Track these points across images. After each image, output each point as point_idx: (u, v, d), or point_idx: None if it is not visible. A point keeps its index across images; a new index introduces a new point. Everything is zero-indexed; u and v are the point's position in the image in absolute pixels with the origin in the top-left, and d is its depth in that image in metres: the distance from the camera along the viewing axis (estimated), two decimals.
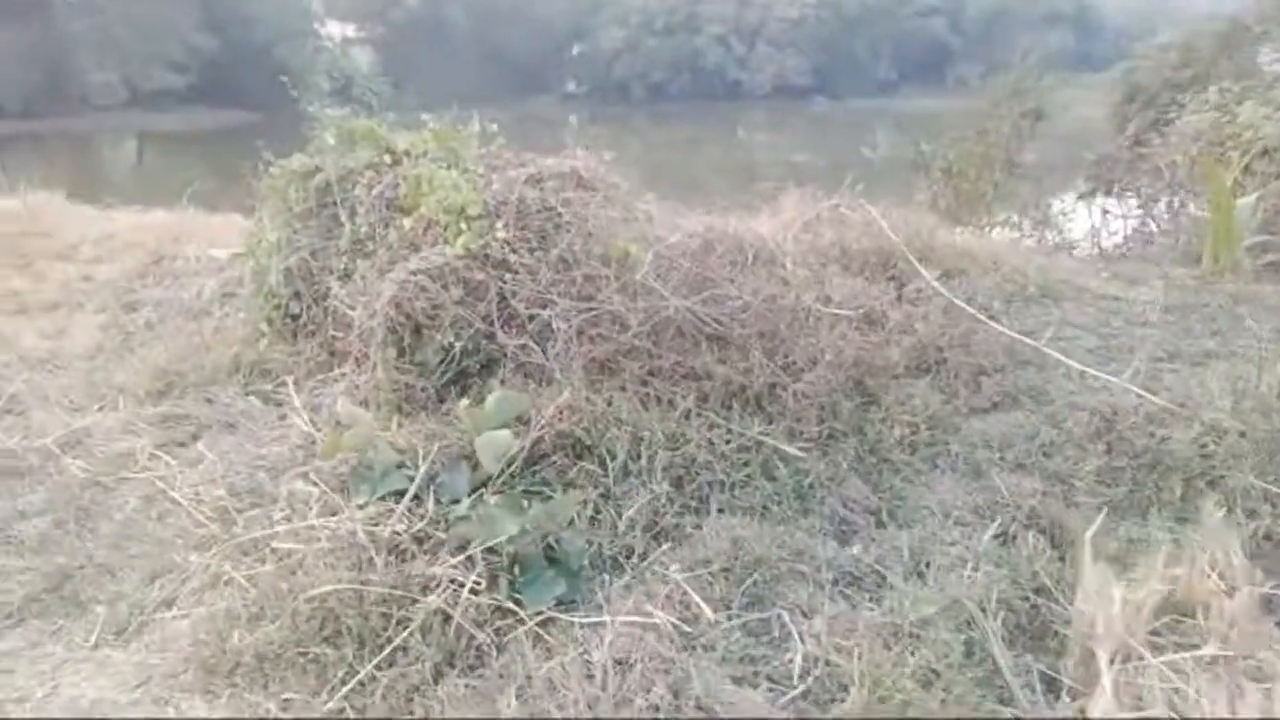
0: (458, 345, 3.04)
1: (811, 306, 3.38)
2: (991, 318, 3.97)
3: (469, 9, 52.10)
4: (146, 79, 33.76)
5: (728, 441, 2.84)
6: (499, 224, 3.11)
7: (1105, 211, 6.96)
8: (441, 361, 3.09)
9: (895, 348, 3.45)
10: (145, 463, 3.08)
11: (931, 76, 57.68)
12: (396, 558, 2.27)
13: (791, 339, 3.19)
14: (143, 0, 34.36)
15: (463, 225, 3.12)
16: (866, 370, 3.31)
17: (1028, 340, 3.80)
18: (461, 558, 2.25)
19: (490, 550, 2.25)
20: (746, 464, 2.80)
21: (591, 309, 2.98)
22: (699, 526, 2.54)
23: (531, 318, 3.02)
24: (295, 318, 3.73)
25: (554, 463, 2.71)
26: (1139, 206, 6.79)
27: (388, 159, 3.67)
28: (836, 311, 3.43)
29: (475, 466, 2.69)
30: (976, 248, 4.84)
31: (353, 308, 3.24)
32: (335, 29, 53.60)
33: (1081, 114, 11.56)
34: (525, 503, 2.42)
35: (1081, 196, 7.49)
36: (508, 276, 3.06)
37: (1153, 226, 6.54)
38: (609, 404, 2.82)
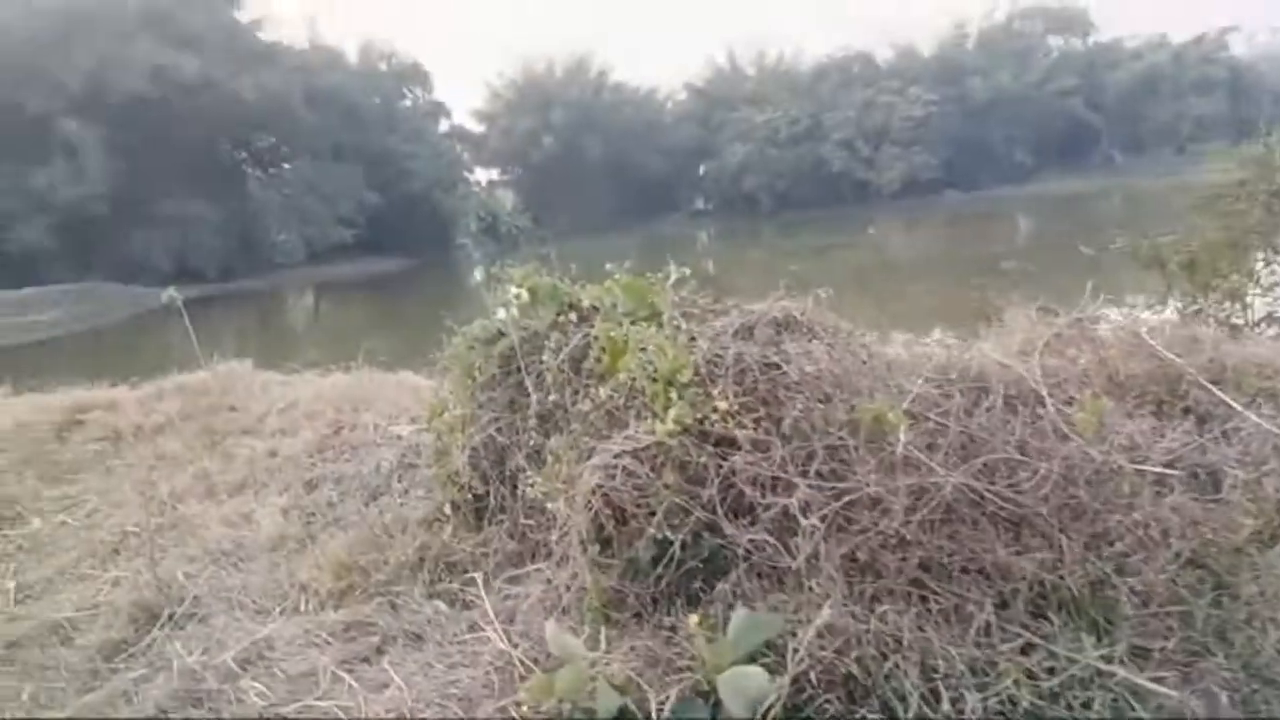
0: (675, 540, 2.52)
1: (1118, 465, 2.64)
2: None
3: (604, 138, 55.30)
4: (323, 237, 37.47)
5: (1051, 670, 2.11)
6: (715, 391, 2.62)
7: None
8: (656, 560, 2.57)
9: (1239, 512, 2.62)
10: (327, 686, 2.70)
11: (1071, 157, 55.36)
12: None
13: (1104, 513, 2.45)
14: (320, 168, 38.71)
15: (672, 394, 2.66)
16: (1208, 548, 2.50)
17: None
18: None
19: None
20: (1087, 704, 2.05)
21: (842, 492, 2.39)
22: None
23: (766, 505, 2.46)
24: (480, 498, 3.35)
25: (823, 709, 2.08)
26: None
27: (573, 317, 3.32)
28: (1153, 469, 2.66)
29: (716, 704, 2.11)
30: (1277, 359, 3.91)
31: (546, 495, 2.81)
32: (481, 174, 58.44)
33: None
34: None
35: None
36: (732, 455, 2.54)
37: None
38: (882, 621, 2.17)
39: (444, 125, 49.04)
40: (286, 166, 40.80)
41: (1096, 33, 57.96)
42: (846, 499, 2.35)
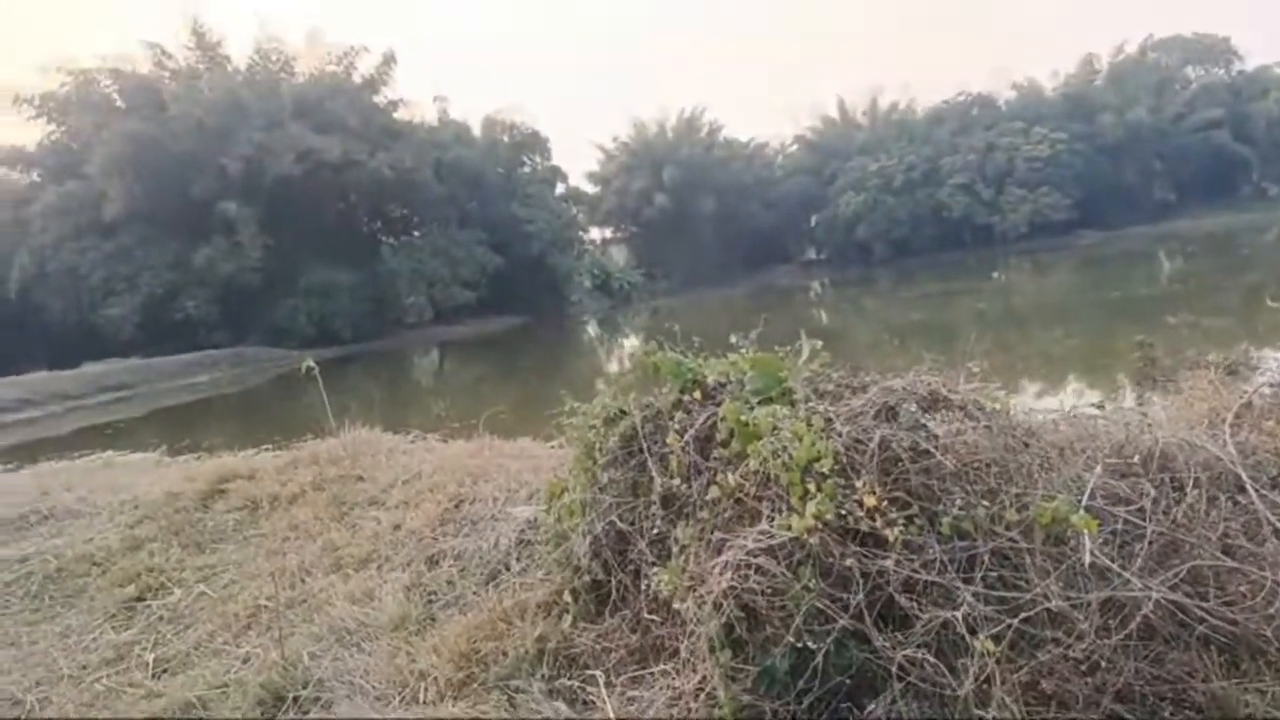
0: (817, 649, 2.25)
1: None
2: None
3: (715, 193, 55.87)
4: (447, 298, 39.29)
5: None
6: (859, 483, 2.36)
7: None
8: (795, 671, 2.30)
9: None
10: None
11: (1219, 192, 51.26)
12: None
13: None
14: (446, 234, 40.82)
15: (810, 485, 2.42)
16: None
17: None
18: None
19: None
20: None
21: (1017, 606, 2.07)
22: None
23: (924, 617, 2.16)
24: (600, 585, 3.18)
25: None
26: None
27: (698, 395, 3.14)
28: None
29: None
30: None
31: (673, 591, 2.60)
32: (595, 233, 60.15)
33: None
34: None
35: None
36: (880, 556, 2.27)
37: None
38: None
39: (560, 188, 50.85)
40: (416, 234, 43.22)
41: (1240, 62, 54.10)
42: (1024, 615, 2.03)
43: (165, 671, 3.74)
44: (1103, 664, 1.98)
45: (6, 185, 36.68)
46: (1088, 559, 2.04)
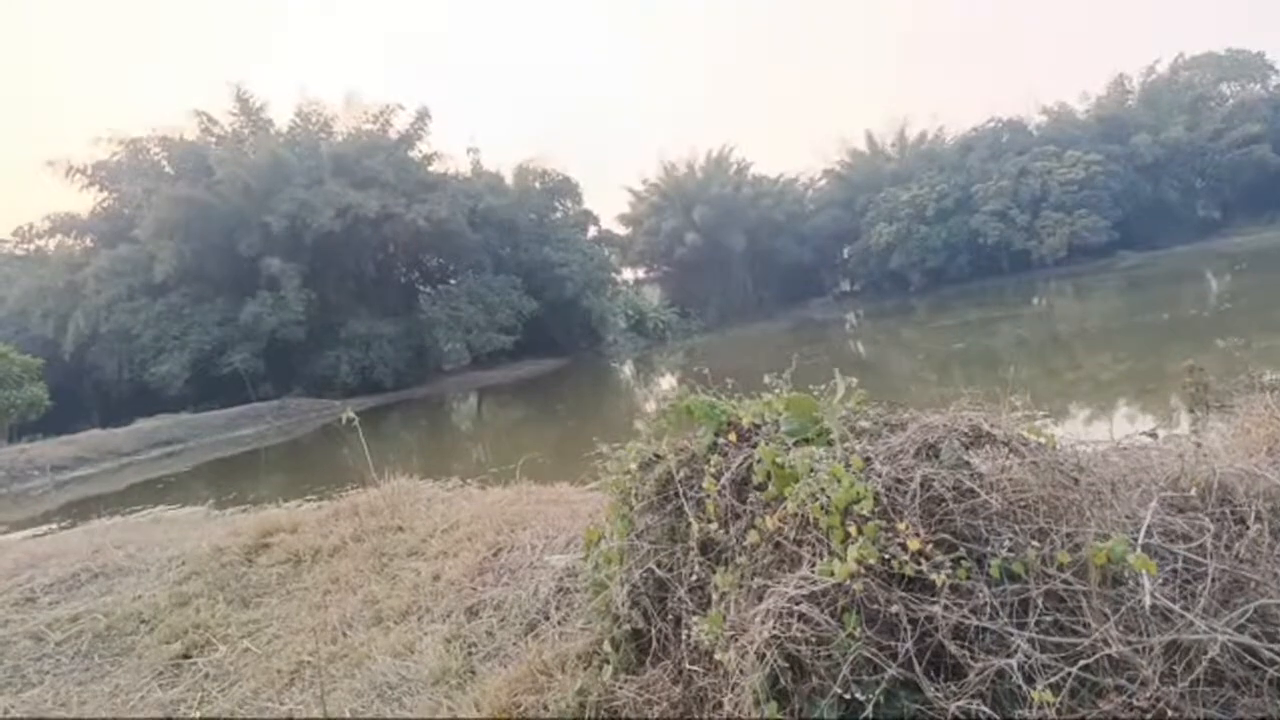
0: (866, 702, 2.16)
1: None
2: None
3: (746, 230, 56.10)
4: (484, 343, 39.84)
5: None
6: (901, 525, 2.29)
7: None
8: None
9: None
10: None
11: (1263, 207, 50.05)
12: None
13: None
14: (482, 281, 41.52)
15: (850, 528, 2.36)
16: None
17: None
18: None
19: None
20: None
21: (1072, 651, 1.97)
22: None
23: (976, 664, 2.07)
24: (640, 634, 3.12)
25: None
26: None
27: (732, 438, 3.10)
28: None
29: None
30: None
31: (714, 641, 2.54)
32: (628, 273, 60.61)
33: None
34: None
35: None
36: (928, 601, 2.19)
37: None
38: None
39: (592, 231, 51.52)
40: (453, 282, 44.01)
41: (1276, 76, 53.13)
42: (1082, 662, 1.93)
43: None
44: (1169, 712, 1.87)
45: (62, 251, 38.25)
46: (1148, 601, 1.94)
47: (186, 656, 4.59)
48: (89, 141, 39.80)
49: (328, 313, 36.78)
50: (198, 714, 3.89)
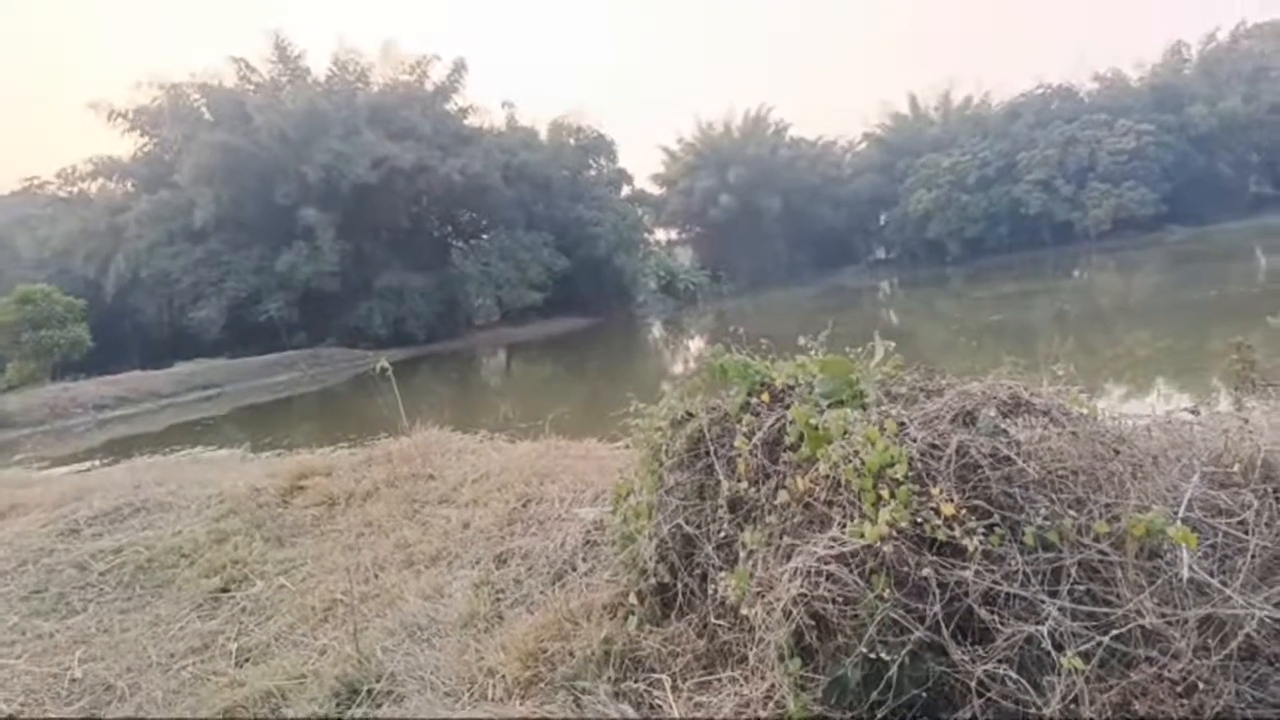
0: (891, 660, 2.18)
1: None
2: None
3: (781, 193, 55.34)
4: (515, 300, 40.02)
5: None
6: (935, 490, 2.28)
7: None
8: (867, 681, 2.23)
9: None
10: None
11: None
12: None
13: None
14: (514, 237, 41.53)
15: (883, 491, 2.35)
16: None
17: None
18: None
19: None
20: None
21: (1104, 621, 1.96)
22: None
23: (1006, 629, 2.07)
24: (666, 588, 3.16)
25: None
26: None
27: (765, 398, 3.09)
28: None
29: None
30: None
31: (741, 597, 2.56)
32: (660, 234, 60.24)
33: None
34: None
35: None
36: (959, 566, 2.18)
37: None
38: None
39: (626, 190, 51.12)
40: (485, 237, 44.04)
41: None
42: (1115, 632, 1.92)
43: (248, 661, 3.89)
44: (1201, 685, 1.86)
45: (104, 195, 38.89)
46: (1186, 574, 1.92)
47: (224, 590, 4.75)
48: (130, 86, 40.20)
49: (361, 264, 37.10)
50: (234, 645, 4.04)
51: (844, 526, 2.41)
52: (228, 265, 35.12)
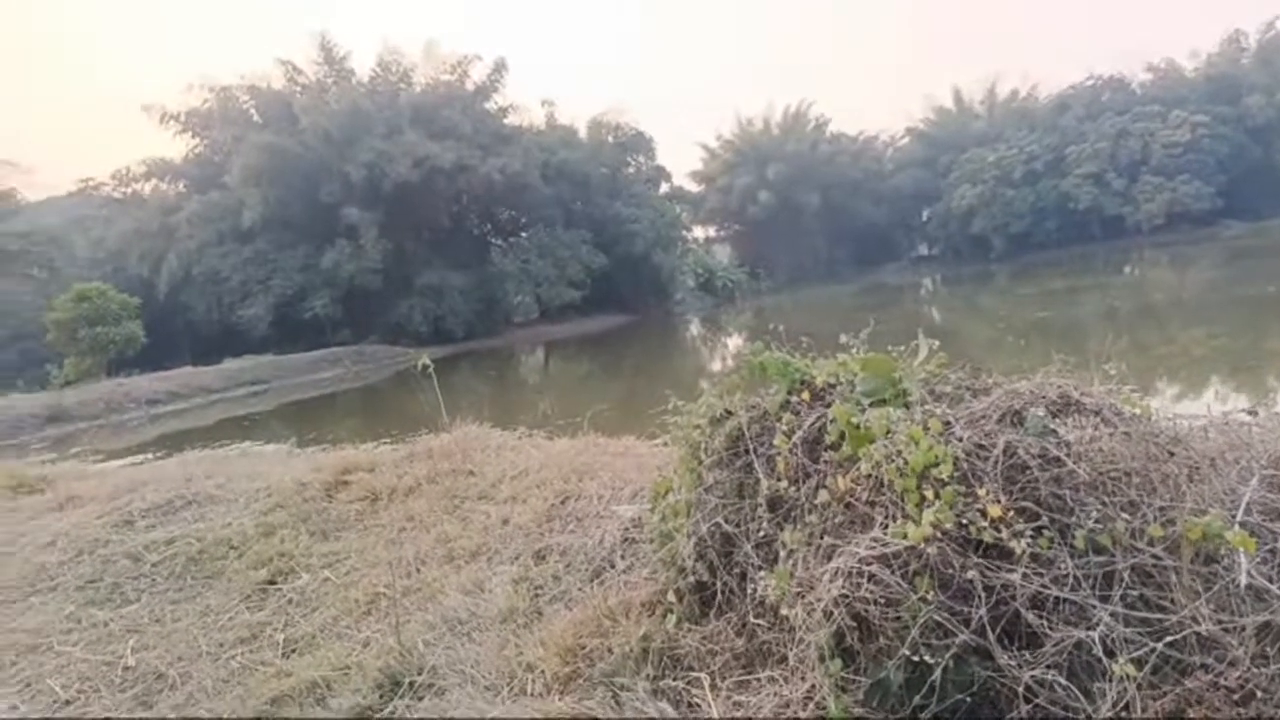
0: (935, 664, 2.14)
1: None
2: None
3: (821, 189, 54.77)
4: (554, 297, 40.31)
5: None
6: (982, 491, 2.24)
7: None
8: (910, 685, 2.20)
9: None
10: None
11: None
12: None
13: None
14: (553, 235, 41.80)
15: (927, 492, 2.31)
16: None
17: None
18: None
19: None
20: None
21: (1158, 627, 1.90)
22: None
23: (1055, 635, 2.02)
24: (705, 586, 3.15)
25: None
26: None
27: (805, 396, 3.06)
28: None
29: None
30: None
31: (781, 596, 2.54)
32: (699, 231, 60.07)
33: None
34: None
35: None
36: (1005, 569, 2.14)
37: None
38: None
39: (664, 187, 51.08)
40: (524, 235, 44.40)
41: None
42: (1169, 639, 1.86)
43: (294, 651, 3.97)
44: (1259, 694, 1.79)
45: (157, 195, 40.07)
46: (1244, 580, 1.85)
47: (272, 583, 4.86)
48: (182, 89, 41.39)
49: (403, 262, 37.64)
50: (281, 636, 4.13)
51: (886, 527, 2.38)
52: (274, 264, 35.93)
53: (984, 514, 2.17)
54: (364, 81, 40.50)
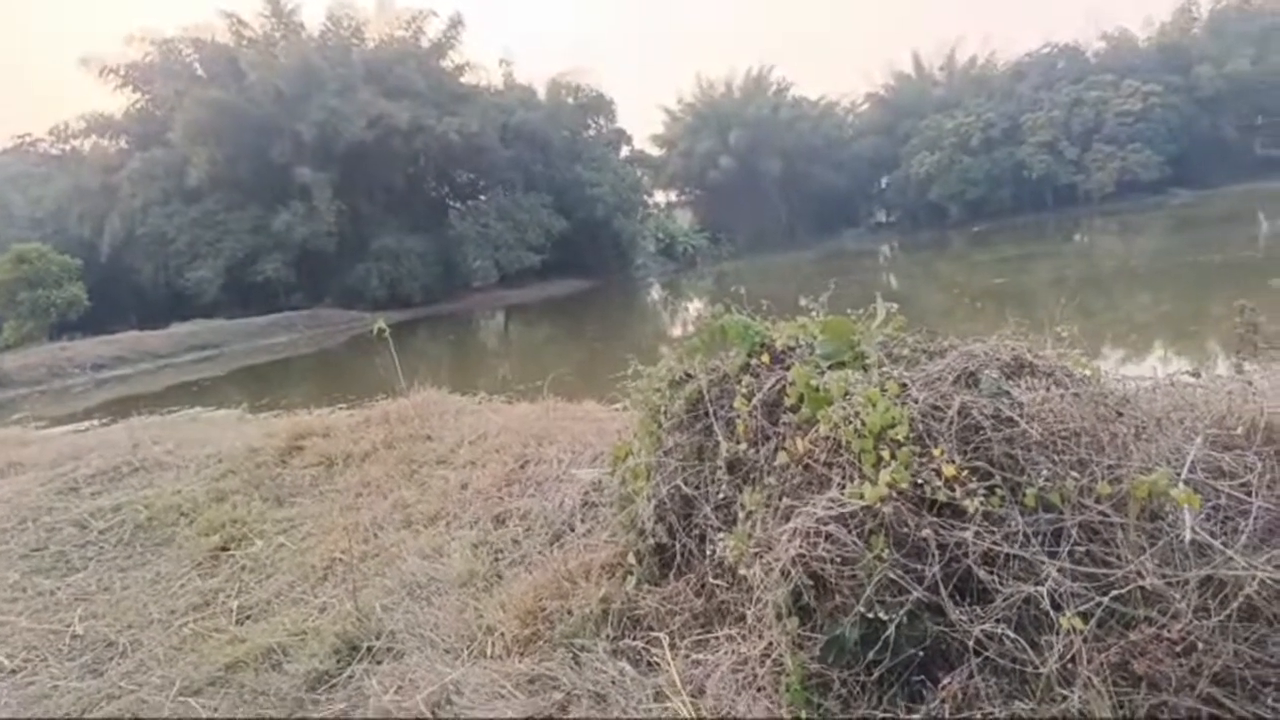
0: (889, 620, 2.18)
1: None
2: None
3: (782, 154, 54.70)
4: (513, 261, 39.80)
5: None
6: (936, 451, 2.26)
7: None
8: (865, 641, 2.24)
9: None
10: None
11: None
12: None
13: None
14: (512, 199, 41.19)
15: (883, 452, 2.33)
16: None
17: None
18: None
19: None
20: None
21: (1104, 581, 1.96)
22: None
23: (1004, 591, 2.07)
24: (665, 548, 3.17)
25: None
26: None
27: (765, 359, 3.06)
28: None
29: None
30: None
31: (739, 557, 2.56)
32: (660, 196, 59.67)
33: None
34: None
35: None
36: (958, 527, 2.17)
37: None
38: None
39: (625, 151, 50.53)
40: (482, 198, 43.64)
41: None
42: (1114, 593, 1.91)
43: (248, 618, 3.92)
44: (1200, 645, 1.86)
45: (97, 152, 38.37)
46: (1188, 535, 1.91)
47: (224, 549, 4.77)
48: (122, 40, 39.45)
49: (358, 225, 36.80)
50: (235, 603, 4.06)
51: (843, 488, 2.40)
52: (224, 225, 34.83)
53: (939, 474, 2.20)
54: (314, 36, 39.11)
